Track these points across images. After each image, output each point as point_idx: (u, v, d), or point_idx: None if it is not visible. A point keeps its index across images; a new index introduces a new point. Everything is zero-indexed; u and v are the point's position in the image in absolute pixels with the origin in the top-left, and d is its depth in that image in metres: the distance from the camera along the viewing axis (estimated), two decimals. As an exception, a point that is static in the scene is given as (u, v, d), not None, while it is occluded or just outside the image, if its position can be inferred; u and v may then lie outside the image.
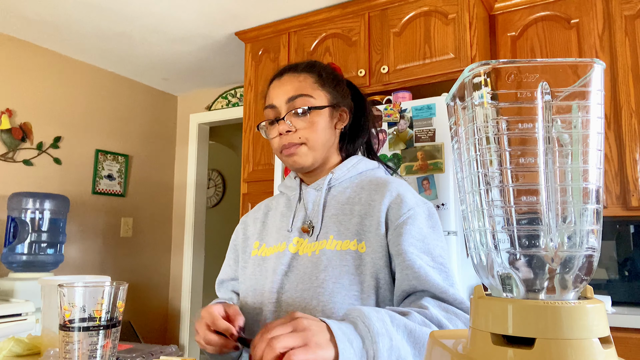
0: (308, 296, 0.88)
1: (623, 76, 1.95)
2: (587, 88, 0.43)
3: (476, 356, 0.42)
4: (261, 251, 1.01)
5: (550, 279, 0.43)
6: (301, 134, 0.96)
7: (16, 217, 2.50)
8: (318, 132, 0.97)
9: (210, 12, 2.52)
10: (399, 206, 0.91)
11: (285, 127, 0.96)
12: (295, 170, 1.02)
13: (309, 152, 0.97)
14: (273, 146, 1.01)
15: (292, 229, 0.98)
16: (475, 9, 2.07)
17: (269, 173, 2.50)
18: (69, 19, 2.61)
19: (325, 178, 1.00)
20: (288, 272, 0.93)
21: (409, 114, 1.94)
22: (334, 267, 0.89)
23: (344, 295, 0.86)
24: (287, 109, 0.97)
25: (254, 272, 0.99)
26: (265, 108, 1.02)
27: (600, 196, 0.43)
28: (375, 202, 0.94)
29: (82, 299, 0.67)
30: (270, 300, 0.91)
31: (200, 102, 3.79)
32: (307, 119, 0.96)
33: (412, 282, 0.84)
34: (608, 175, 1.95)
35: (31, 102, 2.88)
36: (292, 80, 0.99)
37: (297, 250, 0.95)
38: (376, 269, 0.88)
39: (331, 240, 0.93)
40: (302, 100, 0.96)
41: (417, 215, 0.91)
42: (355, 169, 1.01)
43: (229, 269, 1.11)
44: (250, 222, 1.11)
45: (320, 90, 0.99)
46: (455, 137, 0.50)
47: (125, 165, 3.40)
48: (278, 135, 0.98)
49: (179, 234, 3.75)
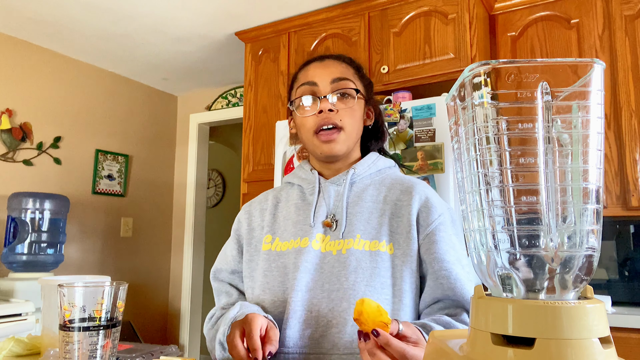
0: (337, 297, 0.86)
1: (623, 76, 1.95)
2: (587, 88, 0.43)
3: (476, 356, 0.42)
4: (275, 246, 0.96)
5: (550, 279, 0.43)
6: (342, 116, 0.94)
7: (16, 217, 2.50)
8: (356, 119, 0.96)
9: (210, 12, 2.52)
10: (429, 210, 0.91)
11: (328, 105, 0.93)
12: (325, 157, 0.97)
13: (346, 140, 0.95)
14: (306, 125, 0.96)
15: (314, 224, 0.94)
16: (475, 9, 2.07)
17: (269, 173, 2.50)
18: (69, 19, 2.61)
19: (347, 173, 0.97)
20: (312, 270, 0.89)
21: (409, 114, 1.94)
22: (364, 269, 0.87)
23: (375, 299, 0.83)
24: (332, 89, 0.95)
25: (269, 268, 0.94)
26: (302, 85, 0.98)
27: (600, 196, 0.43)
28: (403, 202, 0.92)
29: (82, 299, 0.67)
30: (294, 298, 0.87)
31: (200, 102, 3.79)
32: (350, 103, 0.95)
33: (447, 292, 0.85)
34: (608, 175, 1.95)
35: (31, 102, 2.88)
36: (336, 65, 0.98)
37: (320, 247, 0.91)
38: (407, 272, 0.87)
39: (358, 239, 0.90)
40: (347, 83, 0.96)
41: (445, 222, 0.91)
42: (375, 166, 1.00)
43: (231, 260, 1.03)
44: (256, 212, 1.05)
45: (359, 82, 1.00)
46: (455, 137, 0.50)
47: (125, 165, 3.40)
48: (316, 114, 0.94)
49: (179, 234, 3.74)
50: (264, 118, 2.61)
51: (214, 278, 1.06)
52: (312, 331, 0.86)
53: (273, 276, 0.93)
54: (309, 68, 0.99)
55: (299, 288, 0.88)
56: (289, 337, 0.86)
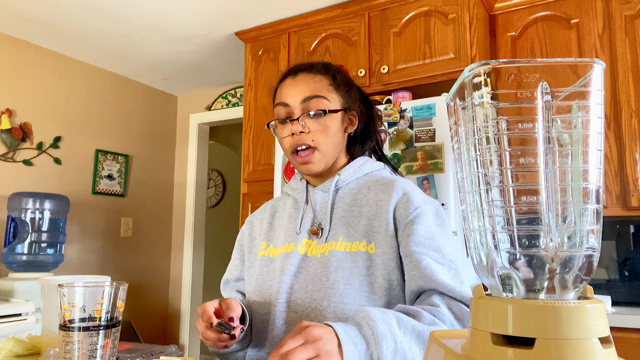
0: (318, 297, 0.88)
1: (623, 76, 1.95)
2: (587, 88, 0.43)
3: (476, 356, 0.42)
4: (268, 252, 1.01)
5: (550, 279, 0.43)
6: (314, 136, 0.95)
7: (16, 217, 2.50)
8: (330, 136, 0.97)
9: (210, 12, 2.52)
10: (406, 205, 0.91)
11: (299, 128, 0.94)
12: (305, 175, 1.02)
13: (321, 159, 0.97)
14: (283, 146, 1.00)
15: (300, 231, 0.98)
16: (475, 9, 2.07)
17: (269, 173, 2.50)
18: (69, 19, 2.61)
19: (332, 180, 0.99)
20: (297, 273, 0.93)
21: (409, 114, 1.94)
22: (344, 269, 0.89)
23: (355, 297, 0.86)
24: (301, 110, 0.95)
25: (260, 272, 0.99)
26: (277, 105, 0.99)
27: (600, 196, 0.43)
28: (382, 202, 0.94)
29: (82, 299, 0.67)
30: (279, 300, 0.91)
31: (200, 102, 3.79)
32: (321, 121, 0.95)
33: (419, 282, 0.84)
34: (608, 175, 1.95)
35: (31, 102, 2.88)
36: (307, 80, 0.97)
37: (306, 252, 0.95)
38: (388, 270, 0.88)
39: (340, 241, 0.92)
40: (317, 101, 0.95)
41: (425, 214, 0.90)
42: (362, 170, 1.01)
43: (234, 269, 1.10)
44: (257, 222, 1.11)
45: (334, 93, 0.99)
46: (455, 137, 0.50)
47: (125, 165, 3.40)
48: (290, 135, 0.96)
49: (179, 234, 3.75)
50: (264, 118, 2.61)
51: (223, 289, 1.12)
52: None
53: (263, 279, 0.98)
54: (282, 85, 1.00)
55: (284, 290, 0.92)
56: (275, 337, 0.90)
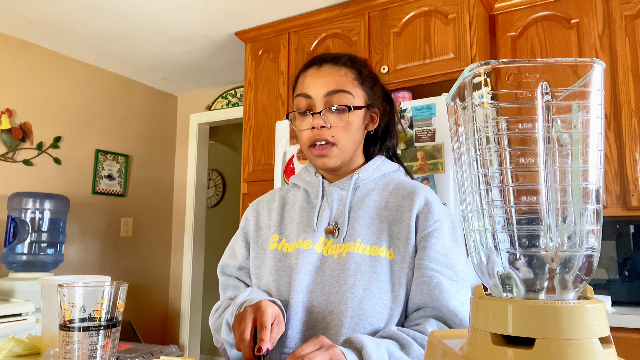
0: (335, 300, 0.86)
1: (623, 76, 1.95)
2: (587, 88, 0.43)
3: (476, 356, 0.42)
4: (282, 246, 0.97)
5: (550, 279, 0.43)
6: (335, 132, 0.92)
7: (16, 217, 2.50)
8: (351, 133, 0.93)
9: (210, 12, 2.52)
10: (426, 216, 0.90)
11: (320, 122, 0.91)
12: (320, 169, 0.98)
13: (339, 155, 0.93)
14: (301, 139, 0.95)
15: (317, 228, 0.94)
16: (475, 9, 2.07)
17: (269, 173, 2.50)
18: (69, 19, 2.61)
19: (350, 178, 0.96)
20: (314, 273, 0.90)
21: (409, 114, 1.94)
22: (363, 273, 0.87)
23: (373, 303, 0.84)
24: (324, 104, 0.92)
25: (275, 267, 0.95)
26: (297, 96, 0.95)
27: (600, 196, 0.43)
28: (403, 208, 0.92)
29: (82, 299, 0.67)
30: (295, 299, 0.88)
31: (200, 102, 3.78)
32: (344, 117, 0.92)
33: (425, 298, 0.84)
34: (608, 175, 1.95)
35: (31, 102, 2.88)
36: (332, 73, 0.93)
37: (322, 250, 0.92)
38: (407, 279, 0.87)
39: (359, 243, 0.90)
40: (341, 96, 0.91)
41: (442, 229, 0.89)
42: (380, 171, 0.99)
43: (239, 256, 1.04)
44: (264, 211, 1.05)
45: (359, 88, 0.95)
46: (455, 137, 0.50)
47: (125, 165, 3.40)
48: (309, 129, 0.93)
49: (179, 234, 3.74)
50: (264, 118, 2.61)
51: (221, 272, 1.07)
52: (312, 332, 0.87)
53: (279, 275, 0.94)
54: (306, 75, 0.96)
55: (299, 289, 0.89)
56: (289, 338, 0.87)
